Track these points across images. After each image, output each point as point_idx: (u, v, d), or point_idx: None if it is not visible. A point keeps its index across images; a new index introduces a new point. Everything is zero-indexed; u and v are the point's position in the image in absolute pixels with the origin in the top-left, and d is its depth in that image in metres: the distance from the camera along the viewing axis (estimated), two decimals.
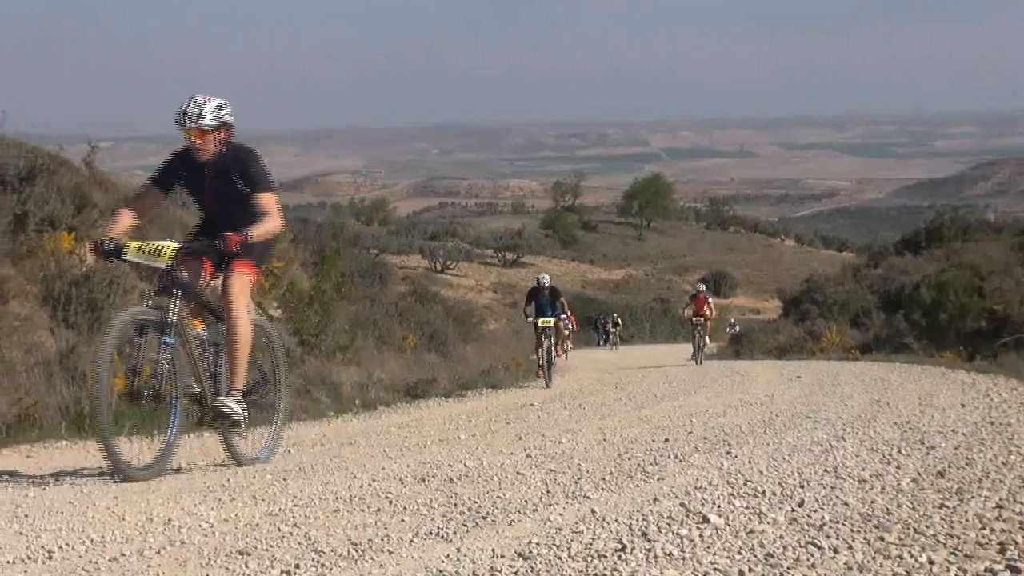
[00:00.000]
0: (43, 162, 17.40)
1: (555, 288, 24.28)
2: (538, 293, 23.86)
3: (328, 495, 7.75)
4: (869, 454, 8.83)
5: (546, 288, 23.72)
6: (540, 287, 23.86)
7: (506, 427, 12.87)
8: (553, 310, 23.42)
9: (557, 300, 23.69)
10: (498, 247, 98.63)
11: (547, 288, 23.73)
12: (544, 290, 23.73)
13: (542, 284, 23.84)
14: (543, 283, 23.85)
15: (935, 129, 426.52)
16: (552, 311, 23.37)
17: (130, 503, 7.64)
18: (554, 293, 23.86)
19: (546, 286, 23.75)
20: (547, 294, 23.70)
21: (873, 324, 33.72)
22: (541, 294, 23.76)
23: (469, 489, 7.80)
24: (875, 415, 12.34)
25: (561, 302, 23.91)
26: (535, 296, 23.93)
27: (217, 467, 9.73)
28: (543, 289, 23.74)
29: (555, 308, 23.50)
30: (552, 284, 24.33)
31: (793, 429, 11.05)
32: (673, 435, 10.79)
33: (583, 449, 9.94)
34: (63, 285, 15.08)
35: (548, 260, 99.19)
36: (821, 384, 18.11)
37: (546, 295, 23.67)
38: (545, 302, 23.56)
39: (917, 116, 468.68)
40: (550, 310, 23.39)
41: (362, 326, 23.76)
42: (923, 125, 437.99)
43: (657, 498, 7.11)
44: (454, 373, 22.23)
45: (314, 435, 12.53)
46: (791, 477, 7.76)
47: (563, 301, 24.11)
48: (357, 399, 17.13)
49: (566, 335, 27.40)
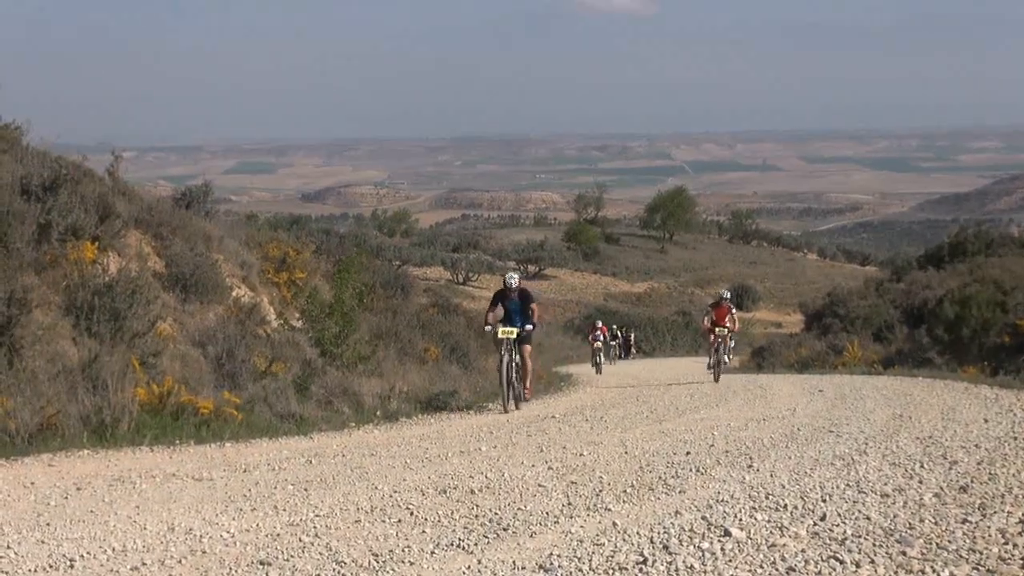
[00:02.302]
0: (67, 172, 17.49)
1: (526, 291, 20.19)
2: (505, 296, 19.80)
3: (349, 506, 7.76)
4: (891, 468, 8.80)
5: (515, 290, 19.70)
6: (508, 288, 19.74)
7: (527, 439, 12.86)
8: (522, 318, 19.52)
9: (528, 305, 19.69)
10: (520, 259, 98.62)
11: (516, 290, 19.74)
12: (512, 292, 19.69)
13: (510, 285, 19.70)
14: (511, 284, 19.74)
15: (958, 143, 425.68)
16: (520, 319, 19.50)
17: (151, 512, 7.66)
18: (524, 297, 19.84)
19: (515, 287, 19.74)
20: (516, 297, 19.72)
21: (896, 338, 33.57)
22: (509, 297, 19.73)
23: (490, 501, 7.80)
24: (897, 429, 12.29)
25: (532, 308, 19.71)
26: (502, 299, 19.90)
27: (238, 476, 9.75)
28: (511, 291, 19.70)
29: (524, 315, 19.54)
30: (523, 286, 20.31)
31: (815, 443, 11.01)
32: (695, 448, 10.77)
33: (604, 461, 9.93)
34: (86, 295, 15.13)
35: (570, 272, 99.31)
36: (843, 398, 18.04)
37: (515, 298, 19.72)
38: (514, 307, 19.70)
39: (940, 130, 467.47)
40: (518, 318, 19.52)
41: (384, 337, 23.75)
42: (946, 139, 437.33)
43: (679, 511, 7.10)
44: (475, 385, 22.18)
45: (335, 446, 12.54)
46: (813, 491, 7.74)
47: (534, 307, 19.85)
48: (378, 410, 17.14)
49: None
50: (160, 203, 21.79)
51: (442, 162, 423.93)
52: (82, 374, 13.34)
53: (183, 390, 13.93)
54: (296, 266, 24.52)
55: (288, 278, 23.80)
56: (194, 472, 9.89)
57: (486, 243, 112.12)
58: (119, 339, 14.85)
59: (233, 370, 16.55)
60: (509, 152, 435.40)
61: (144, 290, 15.74)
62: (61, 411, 12.22)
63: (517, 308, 19.66)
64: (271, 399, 15.44)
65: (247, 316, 19.43)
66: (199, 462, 10.78)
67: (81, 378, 13.23)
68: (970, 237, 44.94)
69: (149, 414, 13.10)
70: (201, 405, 13.63)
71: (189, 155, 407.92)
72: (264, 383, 16.32)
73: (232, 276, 20.99)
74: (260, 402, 15.24)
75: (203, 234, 21.13)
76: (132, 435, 12.33)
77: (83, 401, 12.62)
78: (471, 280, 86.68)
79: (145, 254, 18.65)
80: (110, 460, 10.86)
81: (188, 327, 17.83)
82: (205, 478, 9.65)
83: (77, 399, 12.66)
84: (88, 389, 12.95)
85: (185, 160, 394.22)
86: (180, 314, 18.12)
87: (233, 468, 10.29)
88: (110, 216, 17.65)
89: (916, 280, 40.82)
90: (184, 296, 18.61)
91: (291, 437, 13.63)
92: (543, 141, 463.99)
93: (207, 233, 21.43)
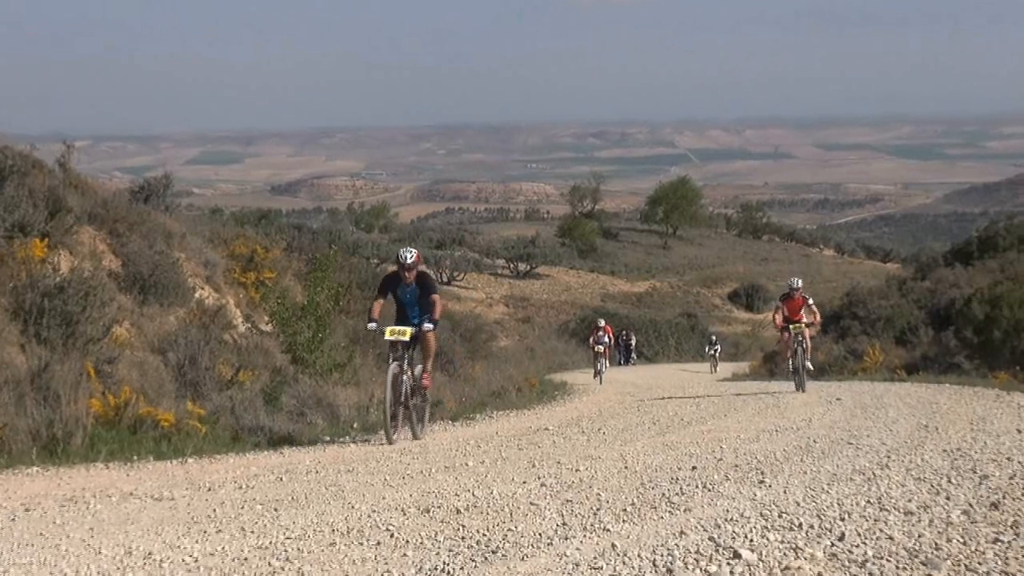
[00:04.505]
0: (13, 163, 17.47)
1: (427, 274, 16.09)
2: (398, 281, 15.53)
3: (323, 527, 7.75)
4: (916, 484, 8.81)
5: (411, 270, 15.34)
6: (402, 268, 15.33)
7: (518, 453, 12.86)
8: (420, 311, 15.38)
9: (428, 294, 15.40)
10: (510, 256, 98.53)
11: (413, 271, 15.37)
12: (408, 274, 15.34)
13: (405, 262, 15.27)
14: (406, 260, 15.27)
15: (988, 129, 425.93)
16: (418, 312, 15.40)
17: (107, 535, 7.64)
18: (425, 282, 15.65)
19: (409, 262, 15.29)
20: (413, 281, 15.42)
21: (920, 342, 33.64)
22: (403, 282, 15.44)
23: (478, 521, 7.80)
24: (922, 441, 12.31)
25: (433, 299, 15.32)
26: (393, 285, 15.63)
27: (202, 495, 9.73)
28: (406, 272, 15.34)
29: (424, 308, 15.35)
30: (423, 268, 16.04)
31: (833, 456, 11.02)
32: (701, 462, 10.77)
33: (603, 477, 9.93)
34: (35, 297, 15.09)
35: (565, 271, 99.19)
36: (863, 407, 18.06)
37: (411, 284, 15.42)
38: (409, 298, 15.49)
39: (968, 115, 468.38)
40: (415, 311, 15.44)
41: (361, 343, 23.75)
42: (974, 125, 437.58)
43: (683, 531, 7.10)
44: (461, 394, 22.21)
45: (308, 461, 12.53)
46: (830, 509, 7.74)
47: (436, 299, 15.39)
48: (355, 422, 17.13)
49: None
50: (116, 197, 21.82)
51: (424, 151, 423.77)
52: (31, 384, 13.31)
53: (142, 401, 13.90)
54: (265, 265, 24.54)
55: (256, 278, 23.81)
56: (154, 491, 9.87)
57: (472, 239, 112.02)
58: (71, 345, 14.82)
59: (196, 379, 16.54)
60: (498, 140, 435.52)
61: (98, 291, 15.71)
62: (8, 425, 12.18)
63: (413, 298, 15.48)
64: (238, 410, 15.41)
65: (211, 320, 19.42)
66: (159, 480, 10.76)
67: (30, 388, 13.20)
68: (1001, 231, 45.07)
69: (104, 428, 13.07)
70: (161, 417, 13.61)
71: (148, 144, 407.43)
72: (230, 393, 16.32)
73: (195, 276, 20.99)
74: (226, 414, 15.22)
75: (163, 230, 21.13)
76: (86, 451, 12.31)
77: (32, 414, 12.58)
78: (456, 280, 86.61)
79: (100, 252, 18.64)
80: (62, 478, 10.83)
81: (147, 332, 17.81)
82: (166, 497, 9.63)
83: (26, 412, 12.62)
84: (38, 401, 12.91)
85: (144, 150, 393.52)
86: (138, 318, 18.10)
87: (196, 486, 10.27)
88: (61, 211, 17.63)
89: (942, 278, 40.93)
90: (142, 298, 18.61)
91: (260, 452, 13.62)
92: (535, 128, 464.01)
93: (168, 229, 21.43)
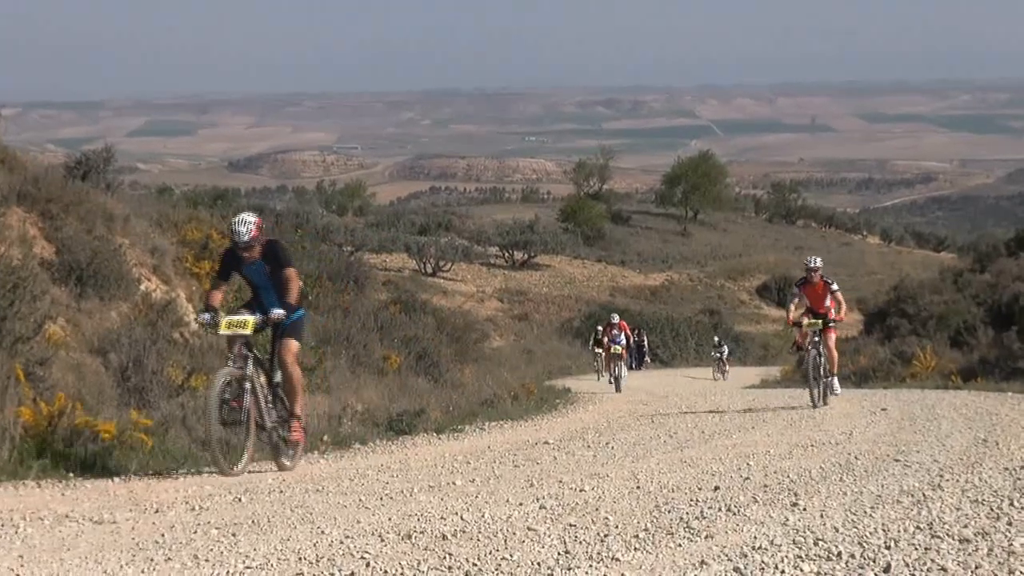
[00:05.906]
0: None
1: (277, 244, 13.95)
2: (239, 256, 13.53)
3: (289, 555, 7.76)
4: (973, 507, 8.83)
5: (252, 244, 13.34)
6: (239, 241, 13.33)
7: (514, 471, 12.88)
8: (274, 294, 13.53)
9: (280, 271, 13.46)
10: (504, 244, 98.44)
11: (256, 243, 13.36)
12: (250, 249, 13.38)
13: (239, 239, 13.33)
14: (241, 238, 13.28)
15: None
16: (271, 296, 13.58)
17: (39, 563, 7.65)
18: (274, 255, 13.54)
19: (244, 239, 13.24)
20: (257, 256, 13.47)
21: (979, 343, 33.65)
22: (246, 257, 13.48)
23: (467, 548, 7.81)
24: (980, 458, 12.33)
25: (287, 275, 13.38)
26: (235, 263, 13.72)
27: (148, 518, 9.73)
28: (244, 245, 13.34)
29: (278, 289, 13.46)
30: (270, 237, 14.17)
31: (877, 475, 11.04)
32: (725, 482, 10.79)
33: (611, 499, 9.95)
34: None
35: (568, 260, 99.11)
36: (912, 419, 18.09)
37: (255, 259, 13.49)
38: (257, 277, 13.75)
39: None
40: (267, 295, 13.66)
41: (332, 342, 23.77)
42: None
43: (704, 561, 7.12)
44: (448, 402, 22.23)
45: (271, 480, 12.54)
46: (874, 535, 7.76)
47: (291, 273, 13.44)
48: (325, 435, 17.14)
49: None
50: (49, 173, 21.80)
51: (406, 121, 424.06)
52: None
53: (79, 409, 13.88)
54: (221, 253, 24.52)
55: (211, 268, 23.78)
56: (93, 513, 9.87)
57: (461, 223, 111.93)
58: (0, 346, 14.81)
59: (141, 384, 16.54)
60: (491, 109, 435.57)
61: (28, 283, 15.69)
62: None
63: (263, 278, 13.66)
64: (190, 421, 15.39)
65: (159, 316, 19.42)
66: (99, 500, 10.76)
67: None
68: None
69: (35, 440, 13.06)
70: (101, 428, 13.59)
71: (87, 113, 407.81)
72: (181, 400, 16.30)
73: (140, 265, 20.97)
74: (176, 424, 15.21)
75: (103, 212, 21.11)
76: (14, 466, 12.30)
77: None
78: (442, 270, 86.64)
79: (30, 238, 18.63)
80: None
81: (85, 330, 17.81)
82: (107, 520, 9.63)
83: None
84: None
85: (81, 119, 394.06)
86: (75, 313, 18.10)
87: (142, 508, 10.28)
88: None
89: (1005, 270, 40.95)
90: (80, 291, 18.60)
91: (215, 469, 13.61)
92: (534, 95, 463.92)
93: (109, 211, 21.42)
